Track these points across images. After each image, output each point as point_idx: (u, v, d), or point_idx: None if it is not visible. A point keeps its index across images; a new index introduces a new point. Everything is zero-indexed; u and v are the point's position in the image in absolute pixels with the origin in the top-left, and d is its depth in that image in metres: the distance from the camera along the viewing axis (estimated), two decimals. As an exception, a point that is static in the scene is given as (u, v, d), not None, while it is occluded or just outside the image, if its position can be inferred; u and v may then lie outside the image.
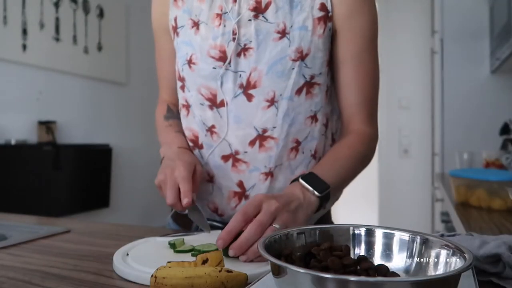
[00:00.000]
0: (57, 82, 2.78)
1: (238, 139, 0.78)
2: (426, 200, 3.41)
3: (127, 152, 3.31)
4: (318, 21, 0.75)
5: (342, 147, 0.79)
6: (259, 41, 0.75)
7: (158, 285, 0.45)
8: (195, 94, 0.80)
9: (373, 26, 0.80)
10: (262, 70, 0.75)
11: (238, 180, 0.80)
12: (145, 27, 3.93)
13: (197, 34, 0.78)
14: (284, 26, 0.75)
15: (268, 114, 0.76)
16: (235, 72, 0.76)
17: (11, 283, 0.52)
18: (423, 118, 3.43)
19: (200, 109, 0.80)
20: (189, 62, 0.79)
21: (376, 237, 0.46)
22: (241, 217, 0.59)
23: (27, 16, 2.56)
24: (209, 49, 0.77)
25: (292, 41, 0.74)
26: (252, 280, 0.46)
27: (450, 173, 1.26)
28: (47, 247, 0.71)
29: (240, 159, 0.78)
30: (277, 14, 0.75)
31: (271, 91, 0.76)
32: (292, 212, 0.63)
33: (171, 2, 0.84)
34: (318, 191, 0.68)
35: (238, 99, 0.77)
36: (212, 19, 0.78)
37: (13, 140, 2.40)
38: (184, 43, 0.81)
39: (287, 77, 0.75)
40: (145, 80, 3.52)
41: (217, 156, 0.80)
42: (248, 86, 0.76)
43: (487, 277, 0.50)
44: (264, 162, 0.78)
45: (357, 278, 0.32)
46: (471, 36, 2.40)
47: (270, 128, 0.77)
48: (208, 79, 0.78)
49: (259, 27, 0.75)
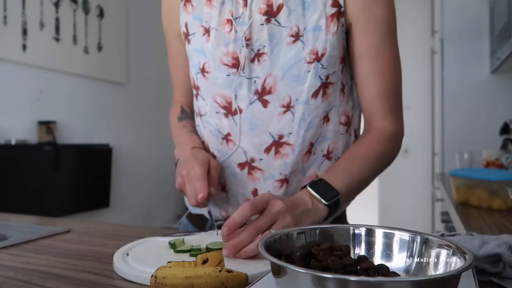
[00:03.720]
0: (57, 82, 2.78)
1: (254, 146, 0.77)
2: (426, 200, 3.41)
3: (127, 152, 3.30)
4: (331, 18, 0.73)
5: (359, 147, 0.77)
6: (273, 46, 0.73)
7: (158, 285, 0.45)
8: (211, 103, 0.79)
9: (390, 16, 0.76)
10: (277, 75, 0.74)
11: (253, 188, 0.79)
12: (145, 27, 3.91)
13: (208, 41, 0.77)
14: (298, 29, 0.73)
15: (284, 120, 0.75)
16: (249, 79, 0.75)
17: (11, 283, 0.52)
18: (423, 118, 3.43)
19: (215, 117, 0.79)
20: (202, 71, 0.78)
21: (376, 237, 0.46)
22: (248, 209, 0.58)
23: (27, 16, 2.56)
24: (221, 56, 0.76)
25: (306, 44, 0.73)
26: (252, 280, 0.46)
27: (450, 173, 1.26)
28: (47, 247, 0.71)
29: (256, 166, 0.78)
30: (289, 17, 0.73)
31: (287, 96, 0.74)
32: (296, 216, 0.62)
33: (181, 7, 0.82)
34: (325, 199, 0.66)
35: (254, 106, 0.75)
36: (222, 24, 0.76)
37: (13, 140, 2.40)
38: (196, 51, 0.79)
39: (303, 80, 0.74)
40: (145, 80, 3.52)
41: (233, 163, 0.79)
42: (264, 92, 0.75)
43: (487, 277, 0.50)
44: (279, 169, 0.77)
45: (357, 278, 0.32)
46: (471, 36, 2.40)
47: (286, 134, 0.75)
48: (222, 87, 0.77)
49: (272, 32, 0.73)
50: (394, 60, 0.78)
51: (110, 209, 3.13)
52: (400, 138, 0.81)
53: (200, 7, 0.79)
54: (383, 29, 0.75)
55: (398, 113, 0.80)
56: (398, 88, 0.79)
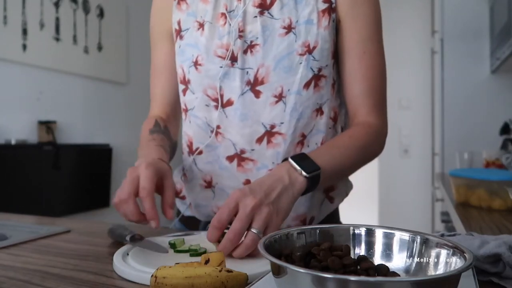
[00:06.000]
0: (57, 82, 2.78)
1: (244, 137, 0.77)
2: (426, 200, 3.41)
3: (127, 152, 3.30)
4: (323, 13, 0.76)
5: (343, 136, 0.78)
6: (266, 37, 0.75)
7: (158, 285, 0.45)
8: (201, 96, 0.79)
9: (377, 15, 0.80)
10: (269, 66, 0.75)
11: (244, 179, 0.79)
12: (145, 27, 3.90)
13: (202, 35, 0.78)
14: (290, 21, 0.75)
15: (276, 109, 0.76)
16: (242, 69, 0.76)
17: (11, 283, 0.52)
18: (423, 118, 3.43)
19: (205, 111, 0.80)
20: (195, 64, 0.79)
21: (376, 237, 0.46)
22: (216, 225, 0.58)
23: (27, 16, 2.56)
24: (215, 49, 0.77)
25: (298, 36, 0.75)
26: (252, 280, 0.46)
27: (450, 173, 1.26)
28: (47, 247, 0.71)
29: (247, 157, 0.78)
30: (282, 10, 0.75)
31: (279, 87, 0.75)
32: (272, 203, 0.61)
33: (174, 6, 0.84)
34: (306, 171, 0.65)
35: (245, 97, 0.76)
36: (217, 18, 0.78)
37: (13, 140, 2.40)
38: (189, 45, 0.80)
39: (294, 72, 0.75)
40: (145, 80, 3.49)
41: (222, 157, 0.79)
42: (256, 82, 0.76)
43: (487, 277, 0.50)
44: (272, 158, 0.77)
45: (357, 278, 0.32)
46: (471, 36, 2.40)
47: (278, 124, 0.76)
48: (214, 78, 0.77)
49: (265, 24, 0.75)
50: (379, 59, 0.81)
51: (110, 209, 3.12)
52: (384, 135, 0.82)
53: (195, 4, 0.81)
54: (371, 26, 0.79)
55: (383, 110, 0.82)
56: (383, 86, 0.82)
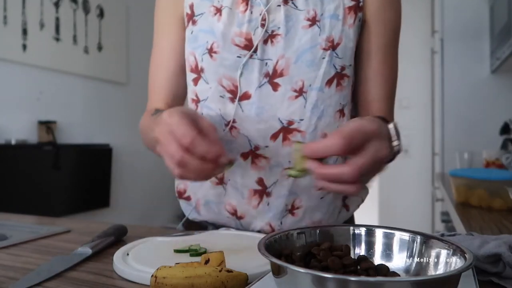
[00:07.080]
0: (57, 82, 2.78)
1: (259, 132, 0.72)
2: (426, 200, 3.41)
3: (127, 152, 3.30)
4: (349, 10, 0.73)
5: None
6: (288, 28, 0.71)
7: (158, 285, 0.45)
8: (215, 86, 0.74)
9: (399, 22, 0.79)
10: (290, 58, 0.71)
11: (257, 178, 0.75)
12: (145, 27, 3.90)
13: (220, 20, 0.73)
14: (315, 14, 0.71)
15: (295, 105, 0.71)
16: (261, 60, 0.72)
17: (11, 283, 0.52)
18: (423, 118, 3.43)
19: (219, 102, 0.74)
20: (210, 51, 0.74)
21: (376, 237, 0.46)
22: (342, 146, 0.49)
23: (27, 16, 2.56)
24: (233, 37, 0.72)
25: (322, 30, 0.71)
26: (252, 280, 0.46)
27: (450, 173, 1.26)
28: (47, 247, 0.71)
29: (260, 154, 0.73)
30: (307, 1, 0.72)
31: (299, 81, 0.71)
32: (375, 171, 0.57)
33: None
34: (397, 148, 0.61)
35: (263, 89, 0.71)
36: (237, 4, 0.73)
37: (13, 140, 2.40)
38: (203, 31, 0.75)
39: (317, 66, 0.71)
40: (145, 80, 3.49)
41: (236, 153, 0.75)
42: (275, 74, 0.71)
43: (487, 277, 0.50)
44: (287, 156, 0.72)
45: (357, 278, 0.32)
46: (471, 35, 2.40)
47: (297, 121, 0.72)
48: (231, 68, 0.73)
49: (289, 13, 0.71)
50: (396, 66, 0.80)
51: (110, 209, 3.13)
52: None
53: None
54: (394, 32, 0.78)
55: (392, 116, 0.82)
56: (395, 93, 0.82)
